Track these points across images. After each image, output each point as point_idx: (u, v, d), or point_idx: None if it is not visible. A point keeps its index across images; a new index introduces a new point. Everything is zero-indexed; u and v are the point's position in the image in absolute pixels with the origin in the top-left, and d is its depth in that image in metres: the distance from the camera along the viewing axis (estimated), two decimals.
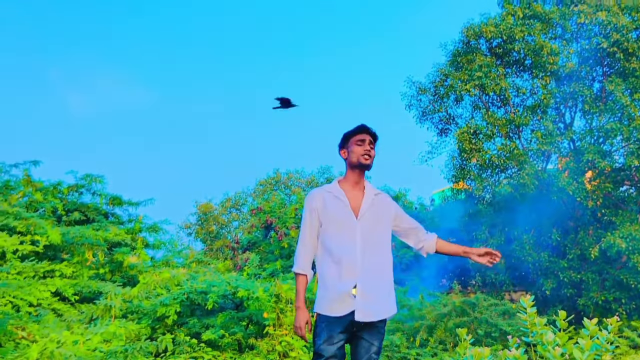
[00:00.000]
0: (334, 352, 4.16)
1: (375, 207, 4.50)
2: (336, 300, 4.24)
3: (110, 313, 8.42)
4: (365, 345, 4.27)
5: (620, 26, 18.05)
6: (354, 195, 4.47)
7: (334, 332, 4.19)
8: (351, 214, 4.36)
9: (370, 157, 4.44)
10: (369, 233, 4.38)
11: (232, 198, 39.07)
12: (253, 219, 25.12)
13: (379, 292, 4.35)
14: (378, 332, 4.33)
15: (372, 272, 4.33)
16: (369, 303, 4.25)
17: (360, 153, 4.41)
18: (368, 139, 4.47)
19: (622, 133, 17.56)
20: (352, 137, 4.50)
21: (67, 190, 13.58)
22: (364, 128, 4.51)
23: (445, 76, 21.36)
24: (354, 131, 4.51)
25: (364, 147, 4.42)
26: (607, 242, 17.04)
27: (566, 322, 5.93)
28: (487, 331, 15.12)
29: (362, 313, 4.21)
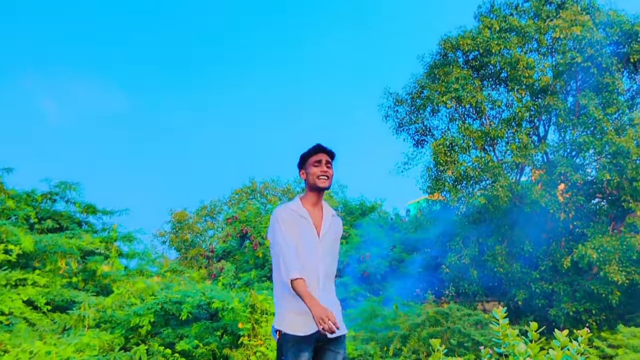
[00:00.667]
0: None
1: (332, 228, 4.56)
2: (303, 319, 4.24)
3: (83, 323, 8.35)
4: (332, 355, 4.34)
5: (594, 41, 18.33)
6: (314, 214, 4.49)
7: (302, 352, 4.21)
8: (315, 235, 4.40)
9: (327, 178, 4.42)
10: (328, 253, 4.46)
11: (208, 206, 38.94)
12: (228, 228, 25.12)
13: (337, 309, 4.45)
14: (341, 342, 4.40)
15: (330, 289, 4.47)
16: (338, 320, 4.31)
17: (317, 174, 4.40)
18: (325, 159, 4.44)
19: (595, 147, 17.82)
20: (309, 158, 4.49)
21: (41, 198, 13.46)
22: (320, 148, 4.49)
23: (422, 88, 21.55)
24: (309, 152, 4.50)
25: (321, 168, 4.40)
26: (578, 253, 17.25)
27: (537, 333, 6.02)
28: (460, 341, 15.21)
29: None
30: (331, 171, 4.46)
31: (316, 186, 4.43)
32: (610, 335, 15.76)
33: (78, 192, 13.79)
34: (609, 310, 18.45)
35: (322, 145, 4.50)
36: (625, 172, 17.33)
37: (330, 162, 4.47)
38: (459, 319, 16.29)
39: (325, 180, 4.41)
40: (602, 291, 17.58)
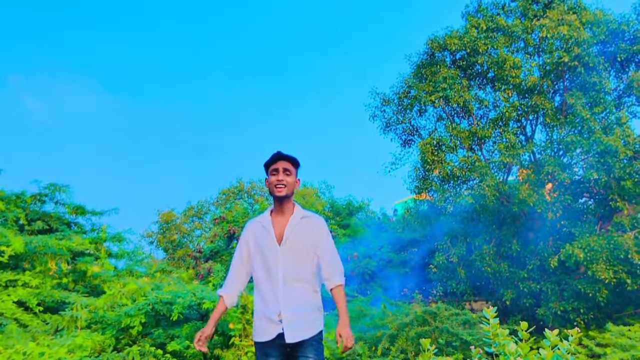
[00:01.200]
0: None
1: (300, 230, 4.54)
2: (264, 326, 4.44)
3: (76, 324, 8.30)
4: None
5: (581, 40, 18.36)
6: (279, 222, 4.56)
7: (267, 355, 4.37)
8: (274, 241, 4.47)
9: (283, 187, 4.44)
10: (292, 257, 4.48)
11: (195, 207, 38.80)
12: (216, 228, 25.02)
13: (304, 314, 4.45)
14: (309, 345, 4.39)
15: (295, 295, 4.44)
16: (294, 325, 4.37)
17: (274, 183, 4.45)
18: (281, 167, 4.46)
19: (582, 146, 17.83)
20: (268, 168, 4.55)
21: (30, 199, 13.37)
22: (277, 157, 4.50)
23: (409, 87, 21.53)
24: (268, 161, 4.54)
25: (277, 176, 4.43)
26: (566, 253, 17.27)
27: (527, 332, 5.99)
28: (448, 340, 15.20)
29: (289, 335, 4.33)
30: (290, 179, 4.48)
31: (272, 194, 4.51)
32: (599, 334, 15.78)
33: (67, 194, 13.71)
34: (597, 309, 18.48)
35: (281, 153, 4.53)
36: (613, 171, 17.37)
37: (288, 170, 4.48)
38: (447, 319, 16.28)
39: (281, 188, 4.45)
40: (589, 290, 17.60)
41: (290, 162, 4.51)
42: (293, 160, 4.52)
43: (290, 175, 4.46)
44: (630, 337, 14.39)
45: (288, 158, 4.51)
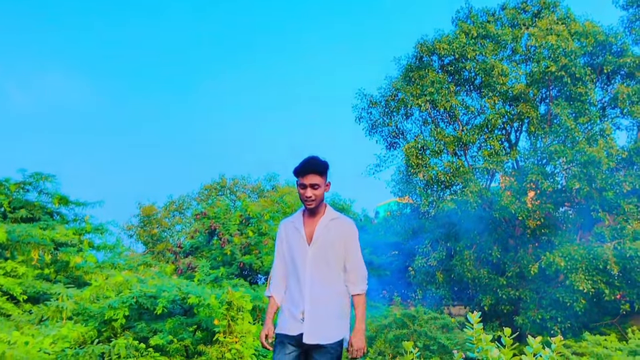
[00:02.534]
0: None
1: (330, 232, 4.54)
2: (288, 322, 4.46)
3: (61, 315, 8.24)
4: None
5: (569, 51, 18.49)
6: (310, 223, 4.57)
7: (284, 347, 4.41)
8: (304, 241, 4.50)
9: (312, 202, 4.45)
10: (320, 258, 4.49)
11: (176, 201, 38.67)
12: (197, 223, 24.89)
13: (326, 317, 4.45)
14: (327, 352, 4.39)
15: (320, 296, 4.46)
16: (316, 327, 4.38)
17: (303, 198, 4.47)
18: (309, 183, 4.41)
19: (566, 155, 17.96)
20: (297, 178, 4.51)
21: (14, 187, 13.21)
22: (304, 170, 4.44)
23: (397, 90, 21.53)
24: (296, 172, 4.50)
25: (305, 192, 4.41)
26: (547, 261, 17.39)
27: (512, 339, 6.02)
28: (426, 344, 15.26)
29: (309, 336, 4.35)
30: (318, 192, 4.45)
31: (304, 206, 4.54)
32: (575, 343, 15.90)
33: (53, 184, 13.56)
34: (574, 318, 18.61)
35: (307, 167, 4.46)
36: (595, 182, 17.54)
37: (316, 184, 4.43)
38: (425, 322, 16.34)
39: (310, 203, 4.46)
40: (567, 300, 17.73)
41: (318, 174, 4.45)
42: (321, 170, 4.48)
43: (318, 189, 4.43)
44: (606, 346, 14.51)
45: (316, 171, 4.44)
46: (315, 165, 4.46)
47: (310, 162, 4.48)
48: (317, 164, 4.47)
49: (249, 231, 22.33)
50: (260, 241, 21.63)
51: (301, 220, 4.61)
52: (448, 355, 15.10)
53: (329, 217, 4.61)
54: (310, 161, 4.49)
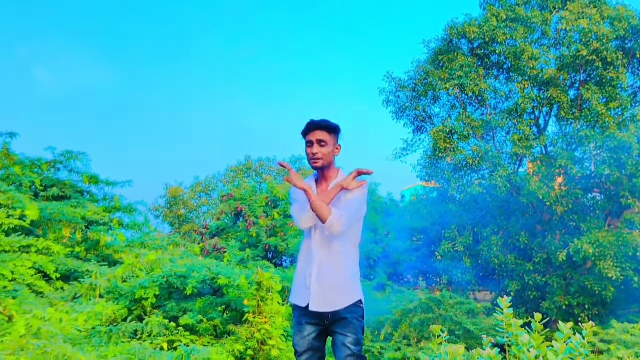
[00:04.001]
0: (307, 346, 4.18)
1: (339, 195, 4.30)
2: (298, 290, 4.30)
3: (94, 292, 8.33)
4: (340, 338, 4.18)
5: (601, 35, 18.22)
6: (322, 187, 4.39)
7: (302, 325, 4.23)
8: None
9: (318, 160, 4.25)
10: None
11: (203, 183, 38.81)
12: (223, 205, 24.99)
13: (335, 283, 4.24)
14: (350, 323, 4.20)
15: (328, 262, 4.26)
16: (323, 294, 4.18)
17: (309, 157, 4.30)
18: (315, 139, 4.23)
19: (596, 141, 17.77)
20: (304, 138, 4.35)
21: (46, 165, 13.33)
22: (310, 127, 4.30)
23: (426, 74, 21.37)
24: (302, 131, 4.35)
25: (312, 149, 4.24)
26: (574, 247, 17.26)
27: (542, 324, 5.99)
28: (451, 329, 15.26)
29: (316, 303, 4.16)
30: (325, 149, 4.24)
31: (310, 166, 4.33)
32: (602, 331, 15.82)
33: (83, 162, 13.68)
34: (602, 306, 18.51)
35: (313, 123, 4.30)
36: (625, 168, 17.33)
37: (323, 141, 4.24)
38: (451, 307, 16.35)
39: (316, 161, 4.26)
40: (596, 287, 17.62)
41: (326, 131, 4.27)
42: (328, 127, 4.29)
43: (325, 146, 4.22)
44: (634, 334, 14.44)
45: (322, 127, 4.27)
46: (322, 122, 4.29)
47: (317, 120, 4.31)
48: (325, 121, 4.30)
49: (275, 213, 22.41)
50: (286, 223, 21.70)
51: (313, 185, 4.41)
52: (474, 340, 15.09)
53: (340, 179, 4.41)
54: (317, 120, 4.32)
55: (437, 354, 5.94)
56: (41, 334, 5.04)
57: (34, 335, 5.01)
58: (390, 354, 14.42)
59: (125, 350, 6.51)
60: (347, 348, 4.13)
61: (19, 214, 9.48)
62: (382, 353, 14.70)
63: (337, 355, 4.19)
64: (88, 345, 6.73)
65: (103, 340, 7.26)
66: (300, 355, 4.17)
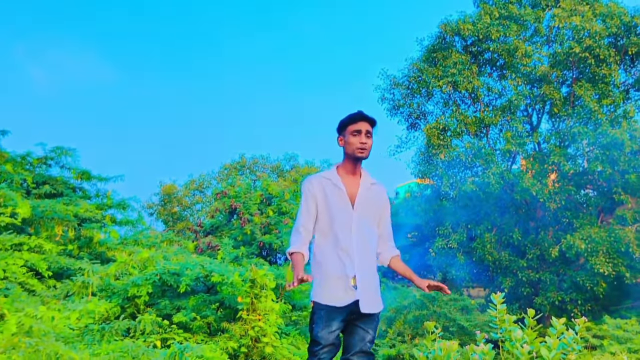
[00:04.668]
0: (332, 340, 4.10)
1: (371, 197, 4.35)
2: (338, 290, 4.16)
3: (86, 290, 8.30)
4: (361, 333, 4.16)
5: (593, 32, 18.28)
6: (350, 183, 4.30)
7: (333, 321, 4.13)
8: (348, 203, 4.23)
9: (366, 150, 4.20)
10: (363, 223, 4.25)
11: (196, 180, 38.78)
12: (217, 203, 24.98)
13: (374, 284, 4.28)
14: (373, 320, 4.22)
15: (366, 263, 4.23)
16: (369, 294, 4.18)
17: (356, 146, 4.20)
18: (365, 128, 4.19)
19: (588, 137, 17.81)
20: (349, 126, 4.28)
21: (37, 162, 13.27)
22: (361, 117, 4.25)
23: (419, 71, 21.41)
24: (350, 120, 4.27)
25: (360, 138, 4.18)
26: (567, 243, 17.34)
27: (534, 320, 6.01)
28: (445, 325, 15.30)
29: (366, 304, 4.13)
30: (370, 141, 4.23)
31: (354, 155, 4.23)
32: (595, 326, 15.87)
33: (73, 158, 13.62)
34: (594, 301, 18.58)
35: (363, 114, 4.29)
36: (618, 164, 17.39)
37: (370, 132, 4.24)
38: (445, 304, 16.38)
39: (363, 151, 4.20)
40: (588, 283, 17.70)
41: (372, 125, 4.27)
42: (374, 122, 4.29)
43: (371, 138, 4.22)
44: (626, 329, 14.47)
45: (370, 119, 4.26)
46: (370, 117, 4.29)
47: (363, 112, 4.32)
48: (372, 117, 4.30)
49: (269, 211, 22.41)
50: (281, 221, 21.70)
51: (339, 178, 4.33)
52: (467, 336, 15.14)
53: (369, 180, 4.40)
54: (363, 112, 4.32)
55: (430, 350, 5.96)
56: (33, 332, 5.03)
57: (26, 334, 5.00)
58: (384, 350, 14.43)
59: (118, 348, 6.50)
60: (365, 344, 4.17)
61: (10, 211, 9.45)
62: (377, 350, 14.70)
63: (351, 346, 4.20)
64: (80, 344, 6.72)
65: (95, 339, 7.24)
66: (323, 348, 4.09)
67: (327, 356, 4.10)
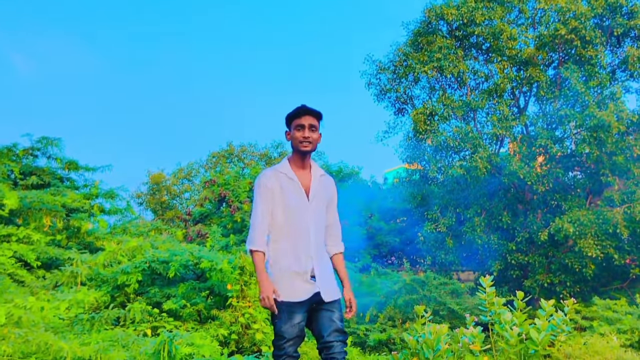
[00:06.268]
0: (297, 333, 4.18)
1: (322, 188, 4.46)
2: (297, 285, 4.24)
3: (75, 280, 8.28)
4: (328, 314, 4.25)
5: (578, 13, 18.29)
6: (302, 175, 4.39)
7: (295, 314, 4.20)
8: (304, 196, 4.32)
9: (309, 144, 4.28)
10: (318, 215, 4.37)
11: (185, 169, 38.71)
12: (206, 191, 24.92)
13: (330, 272, 4.43)
14: (335, 301, 4.32)
15: (322, 253, 4.41)
16: (328, 283, 4.30)
17: (299, 140, 4.27)
18: (307, 123, 4.27)
19: (575, 119, 17.85)
20: (293, 121, 4.34)
21: (23, 153, 13.18)
22: (303, 111, 4.31)
23: (405, 56, 21.40)
24: (292, 115, 4.34)
25: (303, 133, 4.25)
26: (555, 226, 17.40)
27: (524, 302, 6.04)
28: (435, 309, 15.36)
29: (327, 293, 4.25)
30: (315, 135, 4.31)
31: (298, 149, 4.31)
32: (584, 308, 15.96)
33: (59, 148, 13.52)
34: (583, 283, 18.68)
35: (306, 107, 4.33)
36: (605, 146, 17.43)
37: (314, 126, 4.30)
38: (435, 288, 16.44)
39: (307, 145, 4.27)
40: (576, 265, 17.79)
41: (316, 117, 4.32)
42: (318, 114, 4.35)
43: (315, 131, 4.28)
44: (616, 310, 14.56)
45: (314, 113, 4.32)
46: (313, 109, 4.34)
47: (306, 106, 4.35)
48: (315, 110, 4.35)
49: None
50: None
51: (291, 171, 4.39)
52: (457, 320, 15.21)
53: (318, 171, 4.51)
54: (306, 106, 4.35)
55: (421, 334, 5.98)
56: (22, 323, 5.02)
57: (15, 324, 4.99)
58: (375, 335, 14.47)
59: (108, 337, 6.49)
60: (336, 323, 4.22)
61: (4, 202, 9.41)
62: (368, 335, 14.75)
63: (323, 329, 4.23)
64: (70, 333, 6.70)
65: (85, 328, 7.22)
66: (288, 341, 4.17)
67: (292, 348, 4.19)
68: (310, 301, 4.23)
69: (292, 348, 4.19)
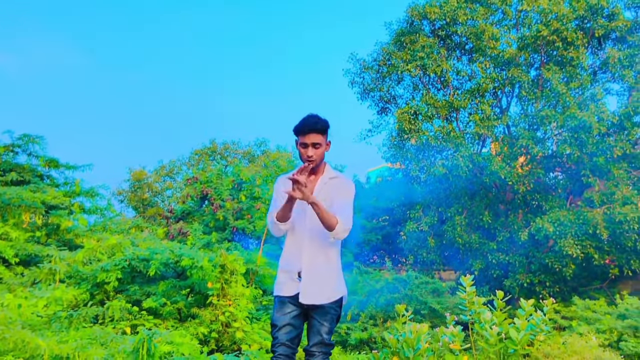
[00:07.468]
0: (288, 320, 4.33)
1: (327, 191, 4.49)
2: (283, 282, 4.45)
3: (53, 277, 8.23)
4: (317, 326, 4.38)
5: (560, 15, 18.41)
6: (310, 181, 4.40)
7: (285, 306, 4.38)
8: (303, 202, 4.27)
9: (313, 161, 4.36)
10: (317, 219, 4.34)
11: (167, 166, 38.55)
12: (188, 188, 24.82)
13: (324, 276, 4.44)
14: (327, 313, 4.40)
15: (318, 256, 4.44)
16: (313, 286, 4.36)
17: (304, 157, 4.38)
18: (311, 142, 4.34)
19: (557, 120, 17.95)
20: (298, 136, 4.44)
21: (3, 149, 13.10)
22: (307, 129, 4.37)
23: (388, 55, 21.45)
24: (298, 130, 4.42)
25: (307, 151, 4.34)
26: (536, 226, 17.50)
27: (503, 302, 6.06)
28: (416, 308, 15.40)
29: (305, 296, 4.34)
30: (319, 151, 4.40)
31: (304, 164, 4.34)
32: (564, 308, 16.07)
33: (41, 146, 13.47)
34: (563, 283, 18.80)
35: (310, 124, 4.38)
36: (586, 147, 17.55)
37: (318, 143, 4.37)
38: (416, 287, 16.48)
39: (310, 162, 4.35)
40: (556, 265, 17.88)
41: (320, 133, 4.38)
42: (322, 130, 4.41)
43: (319, 148, 4.36)
44: (595, 310, 14.68)
45: (317, 130, 4.37)
46: (316, 124, 4.39)
47: (312, 120, 4.40)
48: (319, 122, 4.40)
49: (242, 196, 22.31)
50: (253, 206, 21.62)
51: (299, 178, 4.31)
52: (438, 319, 15.25)
53: (328, 175, 4.57)
54: (311, 119, 4.40)
55: (401, 333, 6.00)
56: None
57: None
58: (356, 334, 14.49)
59: (86, 335, 6.46)
60: (320, 335, 4.37)
61: None
62: (349, 333, 14.77)
63: (309, 338, 4.42)
64: (48, 331, 6.67)
65: (63, 326, 7.18)
66: (279, 329, 4.34)
67: (285, 336, 4.34)
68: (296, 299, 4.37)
69: (285, 336, 4.32)
